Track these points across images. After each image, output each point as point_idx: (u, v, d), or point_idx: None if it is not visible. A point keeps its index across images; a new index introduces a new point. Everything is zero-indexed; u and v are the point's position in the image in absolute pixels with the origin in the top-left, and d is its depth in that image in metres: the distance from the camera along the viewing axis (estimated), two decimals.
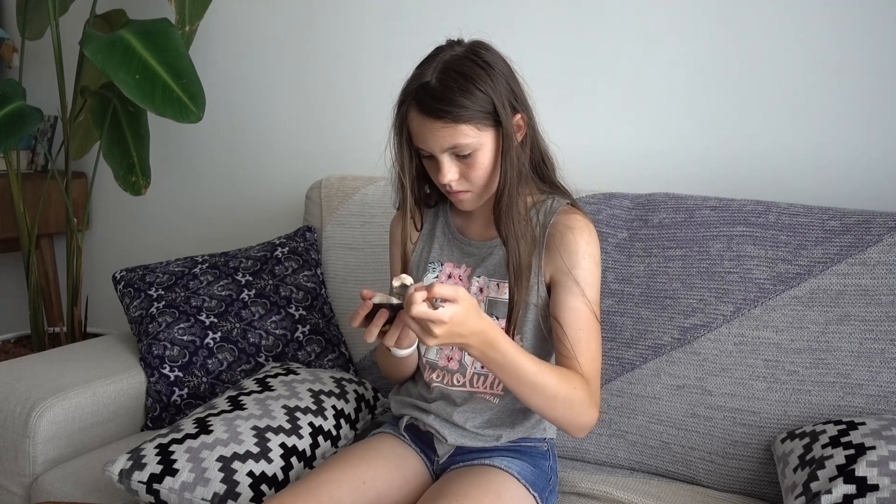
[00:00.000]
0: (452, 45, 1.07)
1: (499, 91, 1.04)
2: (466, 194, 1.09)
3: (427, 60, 1.06)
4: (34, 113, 1.78)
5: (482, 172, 1.06)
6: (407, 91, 1.05)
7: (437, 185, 1.11)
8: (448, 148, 1.04)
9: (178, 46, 1.69)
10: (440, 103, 1.01)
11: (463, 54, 1.05)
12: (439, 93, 1.01)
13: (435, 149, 1.05)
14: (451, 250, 1.20)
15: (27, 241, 2.00)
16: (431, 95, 1.02)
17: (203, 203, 2.18)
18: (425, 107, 1.02)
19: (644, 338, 1.30)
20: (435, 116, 1.02)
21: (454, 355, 1.16)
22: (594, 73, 1.60)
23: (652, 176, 1.55)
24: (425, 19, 1.76)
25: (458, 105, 1.01)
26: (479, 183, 1.08)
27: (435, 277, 1.18)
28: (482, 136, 1.04)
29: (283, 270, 1.62)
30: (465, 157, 1.05)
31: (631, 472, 1.29)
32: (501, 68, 1.06)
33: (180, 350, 1.51)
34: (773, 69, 1.44)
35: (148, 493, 1.13)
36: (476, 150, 1.04)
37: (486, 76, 1.03)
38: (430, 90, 1.02)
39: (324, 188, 1.71)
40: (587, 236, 1.10)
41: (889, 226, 1.19)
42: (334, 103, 1.93)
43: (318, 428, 1.24)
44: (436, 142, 1.04)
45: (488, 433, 1.14)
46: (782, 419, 1.20)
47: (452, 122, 1.02)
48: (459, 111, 1.01)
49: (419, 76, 1.04)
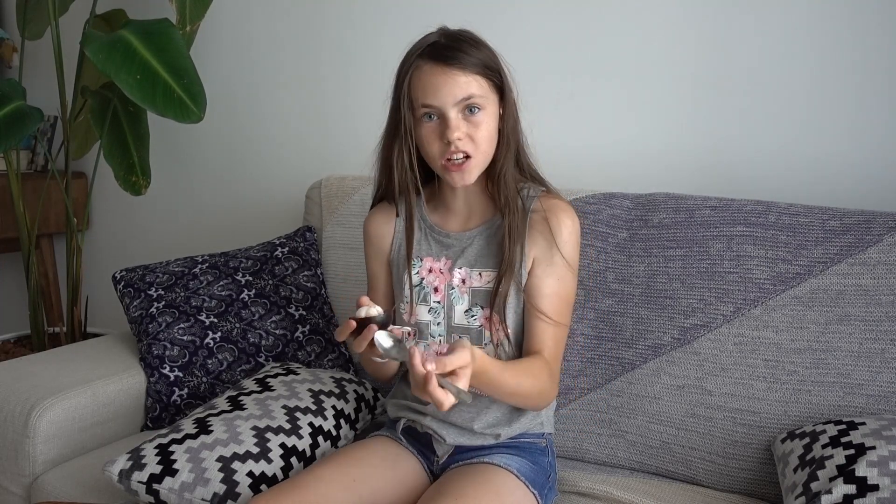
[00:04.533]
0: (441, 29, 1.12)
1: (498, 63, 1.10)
2: (468, 162, 1.08)
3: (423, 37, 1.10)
4: (34, 113, 1.78)
5: (486, 134, 1.09)
6: (412, 55, 1.08)
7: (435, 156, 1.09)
8: (461, 98, 1.06)
9: (178, 46, 1.70)
10: (454, 51, 1.06)
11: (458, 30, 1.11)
12: (453, 45, 1.07)
13: (447, 100, 1.05)
14: (429, 245, 1.20)
15: (27, 241, 2.00)
16: (445, 47, 1.06)
17: (203, 203, 2.18)
18: (440, 56, 1.06)
19: (644, 338, 1.30)
20: (450, 63, 1.05)
21: (442, 350, 1.16)
22: (594, 73, 1.60)
23: (652, 176, 1.54)
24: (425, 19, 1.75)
25: (471, 54, 1.06)
26: (483, 146, 1.09)
27: (415, 273, 1.18)
28: (489, 95, 1.08)
29: (283, 270, 1.62)
30: (472, 115, 1.07)
31: (631, 472, 1.29)
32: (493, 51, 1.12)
33: (180, 350, 1.51)
34: (773, 69, 1.44)
35: (148, 493, 1.13)
36: (482, 110, 1.08)
37: (486, 45, 1.10)
38: (440, 45, 1.07)
39: (324, 188, 1.71)
40: (569, 218, 1.14)
41: (889, 226, 1.19)
42: (334, 103, 1.93)
43: (317, 428, 1.24)
44: (449, 91, 1.05)
45: (487, 431, 1.14)
46: (782, 419, 1.19)
47: (469, 69, 1.06)
48: (473, 60, 1.06)
49: (423, 42, 1.09)
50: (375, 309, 0.96)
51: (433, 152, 1.09)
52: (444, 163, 1.08)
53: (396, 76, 1.10)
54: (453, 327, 1.15)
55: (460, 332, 1.15)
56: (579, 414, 1.34)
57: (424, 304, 1.17)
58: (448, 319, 1.15)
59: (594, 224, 1.37)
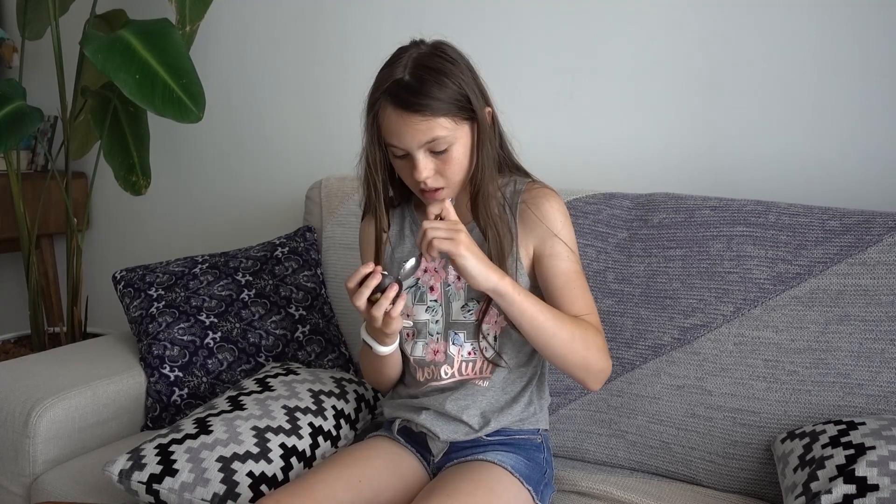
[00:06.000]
0: (416, 44, 1.09)
1: (469, 84, 1.06)
2: (441, 192, 1.09)
3: (394, 60, 1.07)
4: (34, 113, 1.78)
5: (458, 167, 1.08)
6: (379, 89, 1.06)
7: (410, 185, 1.12)
8: (425, 142, 1.05)
9: (178, 47, 1.70)
10: (417, 97, 1.02)
11: (429, 52, 1.07)
12: (415, 87, 1.02)
13: (412, 144, 1.05)
14: None
15: (27, 241, 2.00)
16: (407, 90, 1.03)
17: (203, 203, 2.18)
18: (402, 101, 1.03)
19: (644, 338, 1.30)
20: (412, 110, 1.03)
21: (439, 347, 1.17)
22: (594, 73, 1.60)
23: (652, 176, 1.55)
24: (425, 19, 1.76)
25: (435, 98, 1.03)
26: (455, 178, 1.09)
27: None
28: (458, 129, 1.06)
29: (283, 270, 1.62)
30: (440, 154, 1.06)
31: (631, 472, 1.29)
32: (466, 64, 1.09)
33: (180, 350, 1.51)
34: (773, 69, 1.44)
35: (148, 493, 1.13)
36: (452, 145, 1.06)
37: (456, 71, 1.05)
38: (404, 85, 1.03)
39: (324, 188, 1.71)
40: (557, 202, 1.15)
41: (889, 226, 1.19)
42: (334, 103, 1.93)
43: (317, 428, 1.24)
44: (413, 137, 1.04)
45: (477, 419, 1.14)
46: (782, 419, 1.19)
47: (431, 116, 1.03)
48: (437, 104, 1.03)
49: (390, 74, 1.05)
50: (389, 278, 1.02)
51: (407, 181, 1.12)
52: (419, 189, 1.11)
53: (367, 104, 1.09)
54: (451, 323, 1.16)
55: (458, 327, 1.15)
56: (579, 414, 1.34)
57: (421, 303, 1.17)
58: (446, 316, 1.16)
59: (594, 224, 1.37)
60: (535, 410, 1.18)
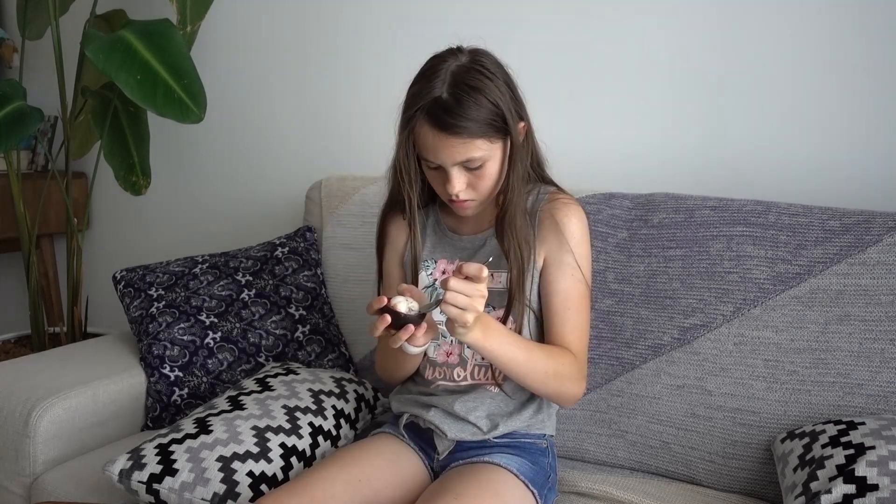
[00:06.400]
0: (454, 53, 1.07)
1: (506, 101, 1.05)
2: (471, 203, 1.11)
3: (432, 71, 1.05)
4: (34, 113, 1.78)
5: (490, 182, 1.09)
6: (416, 104, 1.04)
7: (440, 194, 1.13)
8: (461, 161, 1.05)
9: (179, 47, 1.70)
10: (456, 118, 1.02)
11: (469, 65, 1.05)
12: (454, 108, 1.02)
13: (447, 162, 1.06)
14: (443, 248, 1.21)
15: (27, 241, 2.00)
16: (445, 110, 1.02)
17: (203, 203, 2.18)
18: (440, 122, 1.02)
19: (644, 338, 1.30)
20: (450, 132, 1.02)
21: (454, 350, 1.17)
22: (594, 73, 1.60)
23: (652, 176, 1.54)
24: (425, 19, 1.76)
25: (473, 120, 1.02)
26: (486, 192, 1.10)
27: (429, 275, 1.20)
28: (493, 148, 1.06)
29: (284, 270, 1.62)
30: (474, 169, 1.07)
31: (631, 472, 1.29)
32: (504, 77, 1.08)
33: (180, 350, 1.51)
34: (773, 69, 1.44)
35: (148, 493, 1.13)
36: (486, 162, 1.06)
37: (494, 87, 1.04)
38: (443, 105, 1.02)
39: (324, 188, 1.71)
40: (576, 215, 1.15)
41: (889, 226, 1.19)
42: (334, 104, 1.93)
43: (317, 428, 1.24)
44: (448, 156, 1.05)
45: (484, 421, 1.14)
46: (782, 419, 1.20)
47: (469, 138, 1.03)
48: (475, 126, 1.02)
49: (429, 89, 1.03)
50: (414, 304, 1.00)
51: (438, 190, 1.13)
52: (448, 199, 1.11)
53: (402, 117, 1.07)
54: None
55: None
56: (579, 414, 1.34)
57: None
58: None
59: (594, 224, 1.37)
60: (543, 418, 1.19)
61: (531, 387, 1.10)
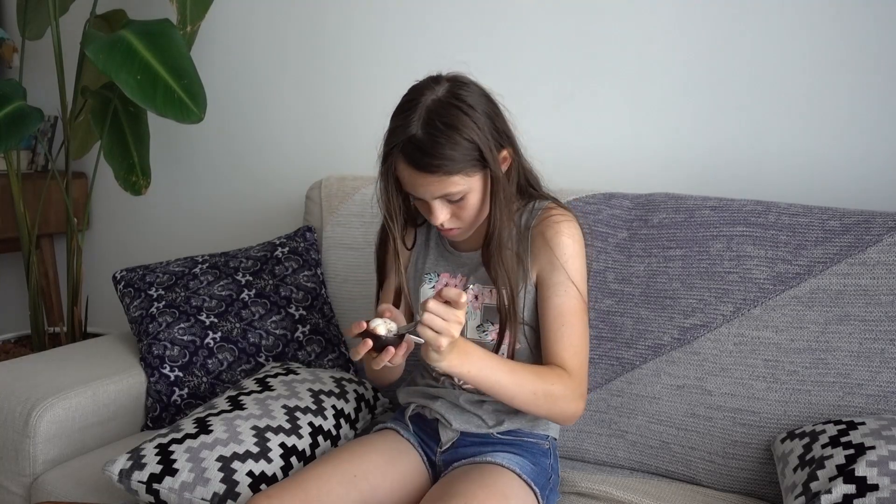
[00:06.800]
0: (431, 85, 1.06)
1: (484, 135, 1.04)
2: (457, 230, 1.12)
3: (408, 106, 1.04)
4: (34, 113, 1.78)
5: (472, 212, 1.10)
6: (393, 142, 1.05)
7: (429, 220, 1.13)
8: (440, 196, 1.06)
9: (179, 47, 1.70)
10: (429, 157, 1.02)
11: (445, 99, 1.04)
12: (428, 147, 1.01)
13: (426, 196, 1.07)
14: (445, 262, 1.23)
15: (27, 241, 2.00)
16: (419, 150, 1.02)
17: (203, 203, 2.18)
18: (415, 161, 1.03)
19: (644, 338, 1.30)
20: (426, 171, 1.03)
21: None
22: (594, 74, 1.60)
23: (652, 176, 1.54)
24: (425, 19, 1.76)
25: (448, 158, 1.02)
26: (470, 220, 1.11)
27: (431, 288, 1.21)
28: (471, 181, 1.06)
29: (284, 270, 1.62)
30: (456, 201, 1.07)
31: (631, 472, 1.29)
32: (483, 108, 1.06)
33: (180, 350, 1.51)
34: (773, 69, 1.44)
35: (148, 492, 1.13)
36: (467, 194, 1.07)
37: (470, 122, 1.03)
38: (417, 143, 1.02)
39: (324, 188, 1.71)
40: (567, 232, 1.13)
41: (889, 226, 1.19)
42: (335, 103, 1.93)
43: (317, 428, 1.24)
44: (427, 191, 1.06)
45: (492, 417, 1.15)
46: (782, 419, 1.20)
47: (444, 175, 1.03)
48: (449, 164, 1.02)
49: (405, 127, 1.03)
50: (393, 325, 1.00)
51: (426, 216, 1.13)
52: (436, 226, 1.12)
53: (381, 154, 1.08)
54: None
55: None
56: None
57: None
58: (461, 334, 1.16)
59: (594, 224, 1.37)
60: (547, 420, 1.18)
61: (522, 408, 1.08)
